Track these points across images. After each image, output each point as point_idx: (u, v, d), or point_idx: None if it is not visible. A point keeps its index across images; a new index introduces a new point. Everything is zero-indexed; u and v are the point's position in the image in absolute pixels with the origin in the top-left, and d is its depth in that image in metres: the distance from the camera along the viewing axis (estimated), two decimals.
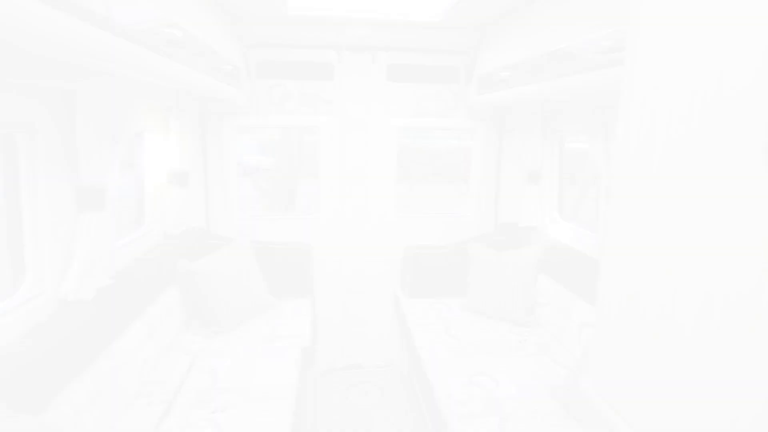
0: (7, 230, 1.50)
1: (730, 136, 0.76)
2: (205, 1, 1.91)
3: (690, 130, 0.84)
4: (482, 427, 1.63)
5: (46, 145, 1.44)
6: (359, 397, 2.79)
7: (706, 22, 0.81)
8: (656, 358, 0.92)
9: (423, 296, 2.76)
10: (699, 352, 0.82)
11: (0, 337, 1.26)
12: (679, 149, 0.87)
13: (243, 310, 2.36)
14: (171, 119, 2.26)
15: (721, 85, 0.77)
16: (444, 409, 1.74)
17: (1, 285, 1.56)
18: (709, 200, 0.80)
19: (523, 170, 2.74)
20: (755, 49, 0.71)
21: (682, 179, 0.86)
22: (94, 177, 1.58)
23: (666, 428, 0.90)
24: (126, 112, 1.74)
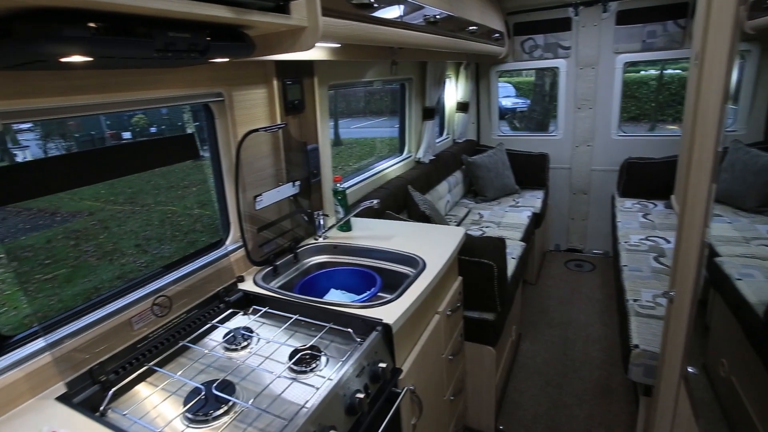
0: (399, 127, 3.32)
1: None
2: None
3: None
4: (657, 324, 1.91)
5: (414, 87, 3.11)
6: (574, 269, 3.88)
7: None
8: None
9: (633, 197, 3.58)
10: None
11: (394, 173, 3.02)
12: None
13: (499, 189, 3.79)
14: (461, 69, 3.79)
15: None
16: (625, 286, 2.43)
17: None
18: None
19: None
20: None
21: None
22: (430, 102, 3.21)
23: None
24: (443, 68, 3.30)
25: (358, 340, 1.21)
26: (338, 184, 1.89)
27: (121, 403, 1.07)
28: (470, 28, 2.55)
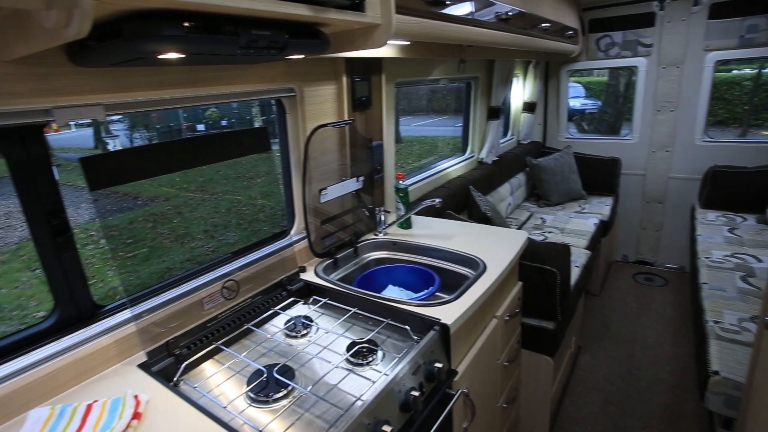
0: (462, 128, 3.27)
1: None
2: None
3: None
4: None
5: (480, 86, 3.05)
6: (644, 282, 3.62)
7: None
8: None
9: (717, 208, 3.27)
10: None
11: (456, 172, 2.97)
12: None
13: (564, 193, 3.62)
14: (530, 68, 3.65)
15: None
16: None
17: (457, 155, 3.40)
18: None
19: None
20: None
21: None
22: (496, 102, 3.13)
23: None
24: (511, 67, 3.20)
25: (415, 338, 1.21)
26: (401, 182, 1.89)
27: (191, 377, 1.15)
28: (543, 25, 2.45)
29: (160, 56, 0.84)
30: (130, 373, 1.09)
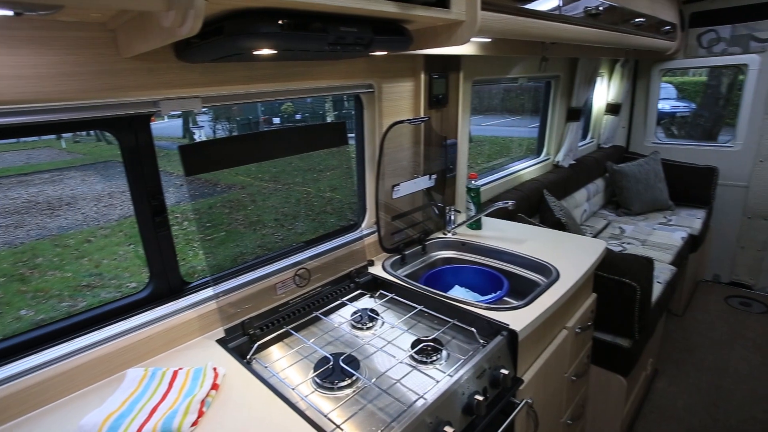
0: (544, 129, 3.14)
1: None
2: None
3: None
4: None
5: (560, 86, 2.91)
6: (739, 307, 3.26)
7: None
8: None
9: None
10: None
11: (529, 175, 2.85)
12: None
13: (647, 203, 3.35)
14: (617, 67, 3.41)
15: None
16: None
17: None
18: None
19: None
20: None
21: None
22: (577, 102, 2.96)
23: None
24: (596, 65, 3.01)
25: (482, 341, 1.19)
26: (473, 181, 1.86)
27: (262, 357, 1.21)
28: (636, 20, 2.27)
29: (255, 52, 0.89)
30: (210, 346, 1.18)
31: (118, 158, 1.09)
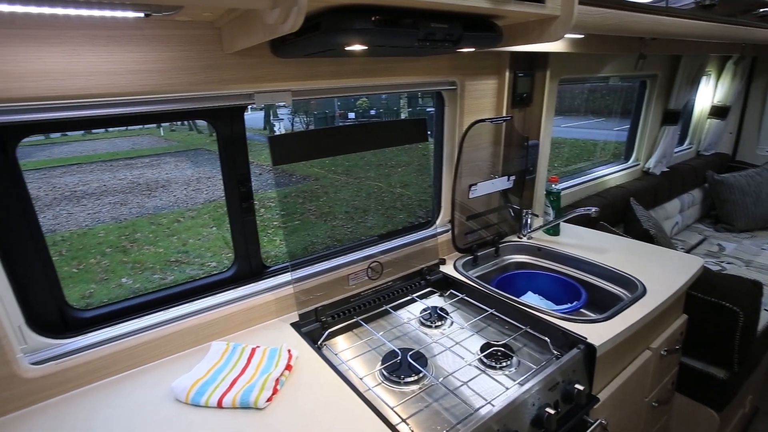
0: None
1: None
2: None
3: None
4: None
5: (657, 85, 2.67)
6: None
7: None
8: None
9: None
10: None
11: (614, 181, 2.66)
12: None
13: (755, 219, 2.98)
14: (728, 65, 3.06)
15: None
16: None
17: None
18: None
19: None
20: None
21: None
22: (676, 104, 2.70)
23: None
24: (703, 63, 2.72)
25: (556, 352, 1.14)
26: (554, 185, 1.77)
27: (331, 344, 1.25)
28: (761, 10, 2.01)
29: (347, 48, 0.91)
30: (285, 329, 1.24)
31: (207, 146, 1.19)
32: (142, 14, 0.80)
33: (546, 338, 1.17)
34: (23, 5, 0.70)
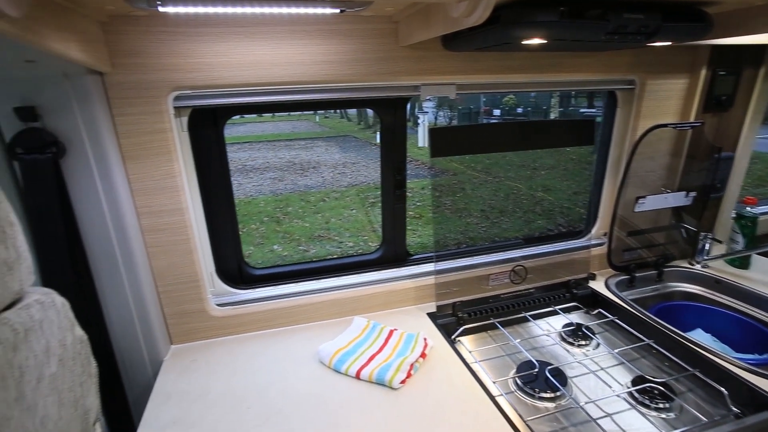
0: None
1: None
2: None
3: None
4: None
5: None
6: None
7: None
8: None
9: None
10: None
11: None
12: None
13: None
14: None
15: None
16: None
17: None
18: None
19: None
20: None
21: None
22: None
23: None
24: None
25: (735, 409, 0.95)
26: (749, 208, 1.47)
27: (465, 341, 1.24)
28: None
29: (525, 42, 0.87)
30: (421, 317, 1.27)
31: (354, 134, 1.26)
32: (338, 10, 0.88)
33: (723, 389, 0.98)
34: (251, 7, 0.82)
